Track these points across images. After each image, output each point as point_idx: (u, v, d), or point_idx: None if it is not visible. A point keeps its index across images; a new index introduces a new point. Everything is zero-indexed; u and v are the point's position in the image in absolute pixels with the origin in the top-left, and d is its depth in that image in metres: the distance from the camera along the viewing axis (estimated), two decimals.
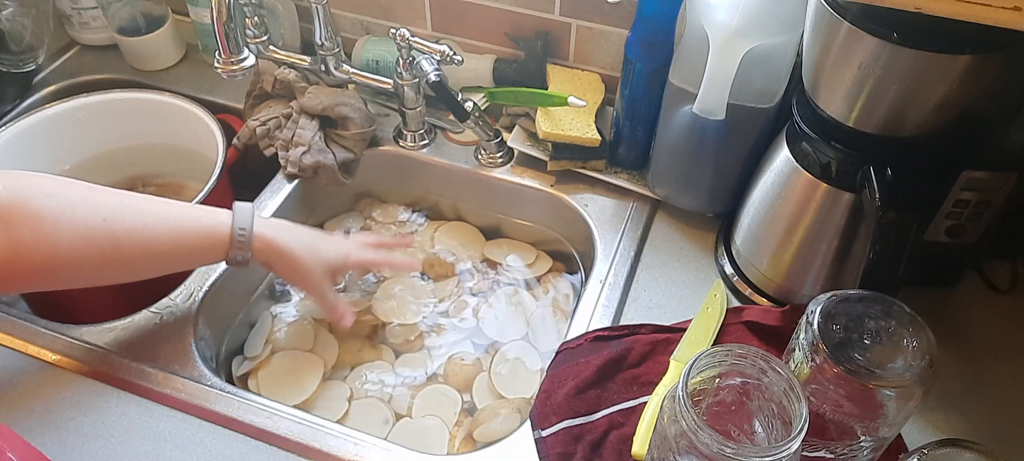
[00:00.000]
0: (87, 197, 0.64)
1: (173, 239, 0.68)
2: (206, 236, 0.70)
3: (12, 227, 0.59)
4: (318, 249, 0.77)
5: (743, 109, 0.75)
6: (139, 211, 0.66)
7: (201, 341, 0.78)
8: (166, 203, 0.70)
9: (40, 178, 0.63)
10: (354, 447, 0.69)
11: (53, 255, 0.62)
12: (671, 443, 0.53)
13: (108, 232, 0.64)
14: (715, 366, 0.55)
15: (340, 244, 0.81)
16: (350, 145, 0.93)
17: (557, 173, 0.93)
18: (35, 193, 0.61)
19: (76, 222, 0.62)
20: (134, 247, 0.66)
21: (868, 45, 0.59)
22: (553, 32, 0.97)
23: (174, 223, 0.68)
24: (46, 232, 0.61)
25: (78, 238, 0.62)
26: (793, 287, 0.77)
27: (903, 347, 0.57)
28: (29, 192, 0.61)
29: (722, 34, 0.68)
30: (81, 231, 0.62)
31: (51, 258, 0.62)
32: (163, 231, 0.67)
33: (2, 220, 0.59)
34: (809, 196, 0.71)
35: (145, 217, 0.66)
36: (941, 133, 0.65)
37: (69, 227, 0.62)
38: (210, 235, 0.70)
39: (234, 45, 0.81)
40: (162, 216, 0.68)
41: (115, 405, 0.71)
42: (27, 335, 0.76)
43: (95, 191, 0.65)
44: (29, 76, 1.06)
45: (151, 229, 0.66)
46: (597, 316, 0.79)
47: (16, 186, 0.61)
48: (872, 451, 0.61)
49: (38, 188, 0.62)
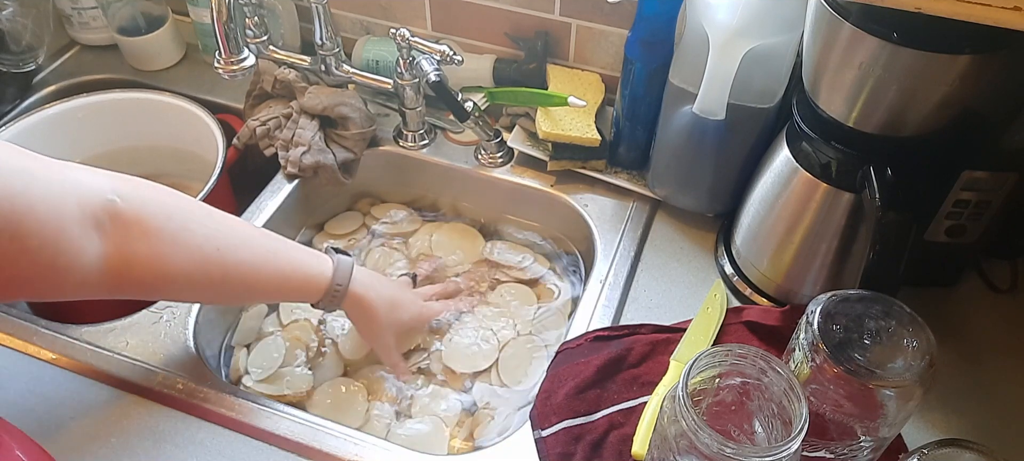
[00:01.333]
0: (206, 223, 0.65)
1: (276, 279, 0.70)
2: (306, 282, 0.72)
3: (128, 240, 0.59)
4: (398, 309, 0.79)
5: (743, 109, 0.75)
6: (251, 246, 0.68)
7: (201, 341, 0.78)
8: (276, 241, 0.71)
9: (161, 193, 0.63)
10: (354, 447, 0.69)
11: (164, 274, 0.62)
12: (671, 443, 0.53)
13: (219, 262, 0.65)
14: (715, 366, 0.55)
15: (415, 305, 0.82)
16: (350, 145, 0.93)
17: (557, 173, 0.93)
18: (155, 211, 0.61)
19: (192, 248, 0.63)
20: (240, 281, 0.67)
21: (868, 45, 0.59)
22: (553, 32, 0.97)
23: (280, 264, 0.70)
24: (162, 252, 0.61)
25: (190, 263, 0.63)
26: (793, 287, 0.77)
27: (903, 347, 0.57)
28: (149, 209, 0.61)
29: (722, 34, 0.68)
30: (195, 257, 0.63)
31: (161, 276, 0.62)
32: (269, 270, 0.69)
33: (119, 233, 0.58)
34: (809, 196, 0.71)
35: (255, 252, 0.68)
36: (941, 133, 0.65)
37: (184, 251, 0.62)
38: (310, 282, 0.72)
39: (234, 45, 0.81)
40: (271, 254, 0.70)
41: (115, 405, 0.71)
42: (27, 335, 0.76)
43: (213, 217, 0.66)
44: (29, 76, 1.06)
45: (259, 266, 0.68)
46: (597, 316, 0.79)
47: (137, 198, 0.60)
48: (872, 451, 0.61)
49: (159, 205, 0.62)
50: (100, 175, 0.60)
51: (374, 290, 0.76)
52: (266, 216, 0.90)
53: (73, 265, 0.55)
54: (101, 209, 0.57)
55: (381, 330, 0.78)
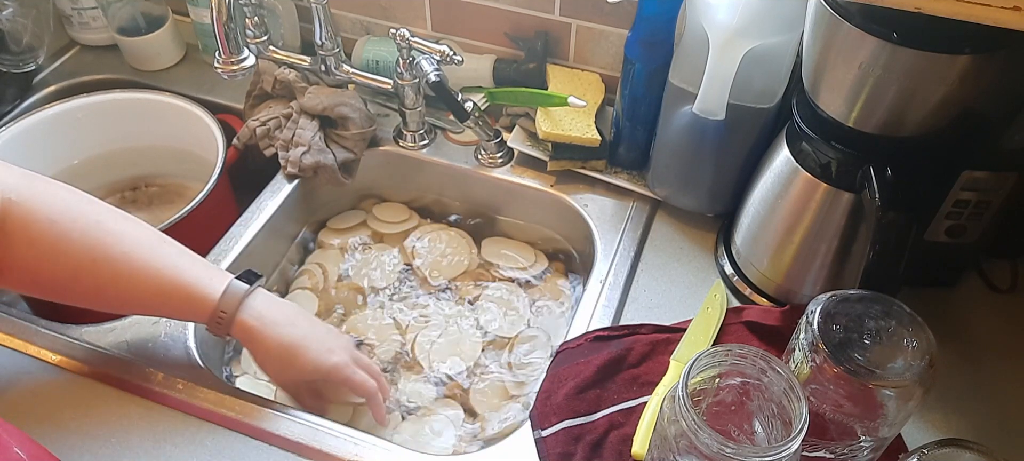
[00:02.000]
0: (88, 231, 0.63)
1: (155, 296, 0.66)
2: (188, 303, 0.67)
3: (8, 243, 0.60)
4: (299, 357, 0.69)
5: (743, 109, 0.75)
6: (129, 258, 0.65)
7: (201, 341, 0.78)
8: (167, 255, 0.67)
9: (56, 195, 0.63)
10: (354, 447, 0.69)
11: (36, 280, 0.63)
12: (671, 443, 0.53)
13: (93, 273, 0.64)
14: (715, 366, 0.55)
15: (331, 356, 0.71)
16: (350, 145, 0.93)
17: (557, 173, 0.93)
18: (41, 216, 0.61)
19: (67, 256, 0.62)
20: (115, 293, 0.65)
21: (868, 45, 0.59)
22: (553, 32, 0.97)
23: (163, 281, 0.66)
24: (36, 259, 0.62)
25: (64, 271, 0.63)
26: (793, 287, 0.77)
27: (903, 347, 0.57)
28: (37, 213, 0.61)
29: (722, 34, 0.68)
30: (68, 265, 0.63)
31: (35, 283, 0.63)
32: (147, 286, 0.66)
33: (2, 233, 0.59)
34: (809, 196, 0.71)
35: (133, 265, 0.65)
36: (941, 133, 0.65)
37: (57, 259, 0.62)
38: (193, 303, 0.67)
39: (234, 45, 0.81)
40: (152, 269, 0.65)
41: (115, 405, 0.71)
42: (27, 335, 0.76)
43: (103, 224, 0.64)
44: (29, 76, 1.06)
45: (134, 280, 0.65)
46: (597, 316, 0.79)
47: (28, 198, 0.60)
48: (872, 451, 0.61)
49: (47, 209, 0.61)
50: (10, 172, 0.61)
51: (272, 327, 0.68)
52: (266, 216, 0.90)
53: None
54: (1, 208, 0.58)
55: (275, 370, 0.71)
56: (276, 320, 0.69)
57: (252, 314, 0.68)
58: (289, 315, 0.71)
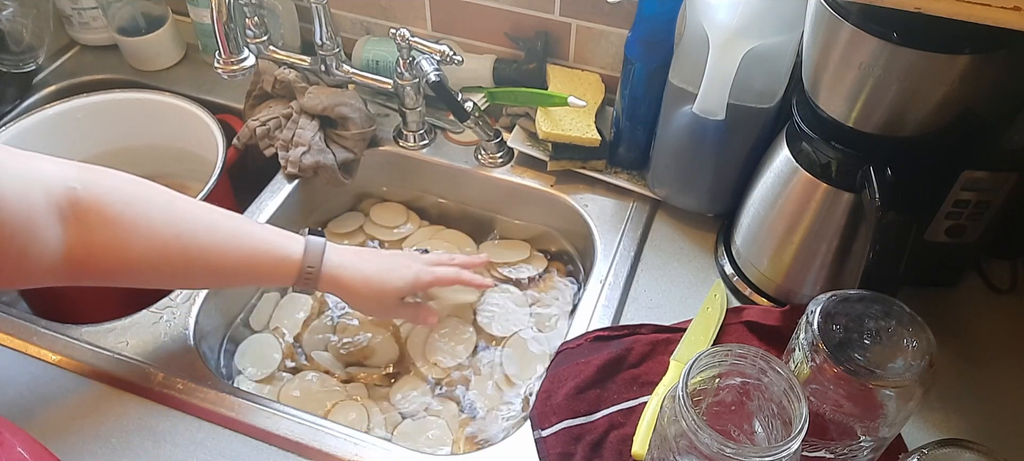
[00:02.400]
0: (167, 209, 0.65)
1: (243, 263, 0.69)
2: (275, 265, 0.71)
3: (86, 230, 0.59)
4: (386, 282, 0.76)
5: (743, 109, 0.75)
6: (214, 231, 0.67)
7: (201, 341, 0.78)
8: (243, 223, 0.71)
9: (122, 180, 0.63)
10: (354, 447, 0.69)
11: (124, 262, 0.62)
12: (671, 443, 0.53)
13: (180, 247, 0.65)
14: (715, 366, 0.55)
15: (409, 269, 0.78)
16: (350, 145, 0.93)
17: (557, 173, 0.93)
18: (114, 199, 0.61)
19: (152, 235, 0.63)
20: (204, 265, 0.67)
21: (868, 45, 0.59)
22: (553, 32, 0.97)
23: (246, 248, 0.69)
24: (121, 240, 0.61)
25: (151, 251, 0.63)
26: (793, 287, 0.77)
27: (903, 347, 0.57)
28: (108, 197, 0.61)
29: (722, 34, 0.68)
30: (155, 245, 0.63)
31: (122, 264, 0.62)
32: (234, 254, 0.68)
33: (78, 221, 0.59)
34: (809, 196, 0.71)
35: (218, 237, 0.67)
36: (941, 133, 0.65)
37: (143, 238, 0.62)
38: (279, 265, 0.71)
39: (234, 45, 0.81)
40: (236, 238, 0.68)
41: (115, 405, 0.71)
42: (27, 335, 0.76)
43: (176, 203, 0.66)
44: (29, 76, 1.06)
45: (223, 251, 0.67)
46: (597, 316, 0.79)
47: (96, 185, 0.61)
48: (872, 451, 0.61)
49: (118, 193, 0.62)
50: (65, 165, 0.60)
51: (352, 268, 0.74)
52: (266, 216, 0.90)
53: (42, 254, 0.56)
54: (64, 198, 0.58)
55: (370, 305, 0.78)
56: (354, 263, 0.75)
57: (334, 264, 0.73)
58: (361, 254, 0.78)
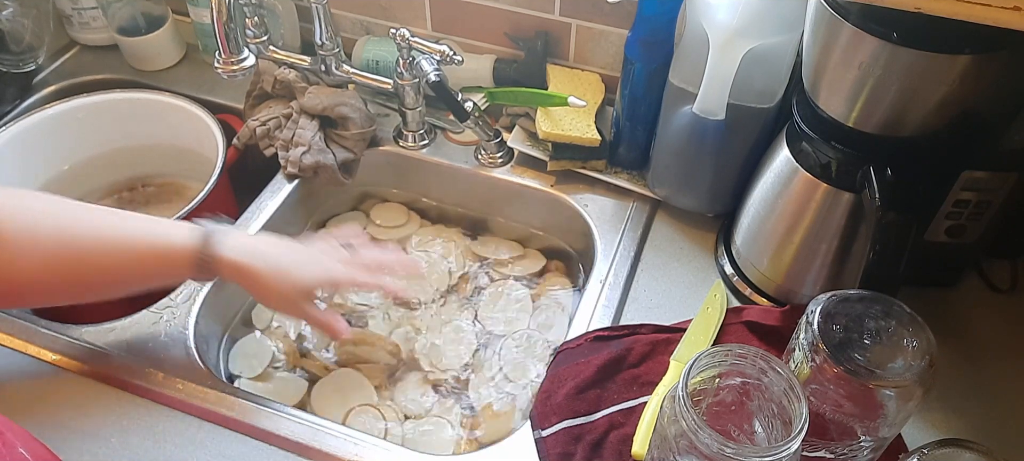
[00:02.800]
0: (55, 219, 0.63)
1: (134, 259, 0.66)
2: (168, 258, 0.66)
3: None
4: (294, 274, 0.70)
5: (743, 109, 0.75)
6: (98, 233, 0.65)
7: (201, 341, 0.78)
8: (129, 220, 0.67)
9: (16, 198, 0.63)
10: (354, 447, 0.69)
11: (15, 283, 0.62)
12: (671, 443, 0.53)
13: (68, 256, 0.63)
14: (715, 366, 0.55)
15: (323, 264, 0.73)
16: (350, 145, 0.93)
17: (557, 173, 0.93)
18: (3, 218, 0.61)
19: (39, 248, 0.62)
20: (96, 269, 0.65)
21: (868, 45, 0.59)
22: (553, 32, 0.97)
23: (131, 244, 0.65)
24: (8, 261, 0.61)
25: (41, 264, 0.62)
26: (793, 287, 0.77)
27: (903, 347, 0.57)
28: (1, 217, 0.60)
29: (722, 34, 0.68)
30: (45, 257, 0.62)
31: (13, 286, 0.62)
32: (119, 255, 0.65)
33: None
34: (809, 196, 0.71)
35: (101, 239, 0.64)
36: (941, 133, 0.65)
37: (30, 254, 0.62)
38: (169, 255, 0.66)
39: (234, 45, 0.81)
40: (120, 236, 0.65)
41: (115, 405, 0.71)
42: (27, 335, 0.76)
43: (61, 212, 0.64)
44: (29, 76, 1.06)
45: (106, 252, 0.65)
46: (597, 316, 0.79)
47: None
48: (872, 451, 0.61)
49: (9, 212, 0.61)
50: None
51: (257, 255, 0.69)
52: (266, 216, 0.90)
53: None
54: None
55: (277, 299, 0.71)
56: (260, 249, 0.69)
57: (238, 250, 0.68)
58: (271, 242, 0.71)
